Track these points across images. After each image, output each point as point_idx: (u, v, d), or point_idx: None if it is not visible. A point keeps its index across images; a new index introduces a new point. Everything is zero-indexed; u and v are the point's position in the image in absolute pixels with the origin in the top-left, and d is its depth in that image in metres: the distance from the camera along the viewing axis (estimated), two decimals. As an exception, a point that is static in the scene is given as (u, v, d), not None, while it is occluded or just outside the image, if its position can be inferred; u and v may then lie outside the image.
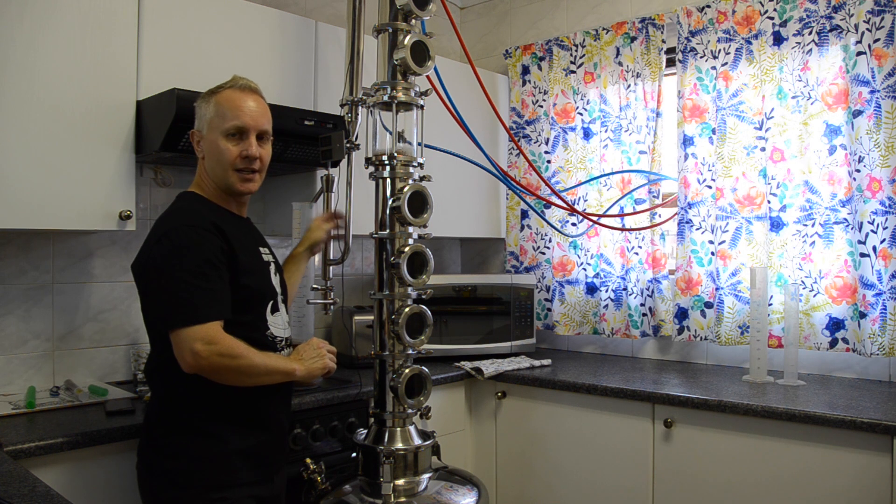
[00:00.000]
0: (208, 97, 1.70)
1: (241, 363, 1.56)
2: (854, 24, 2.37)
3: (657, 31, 2.87)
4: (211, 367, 1.52)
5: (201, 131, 1.70)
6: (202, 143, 1.71)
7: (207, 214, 1.65)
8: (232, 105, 1.67)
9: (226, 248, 1.61)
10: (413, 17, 2.04)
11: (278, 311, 1.76)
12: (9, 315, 2.16)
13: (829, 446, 1.98)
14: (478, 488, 2.03)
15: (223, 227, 1.63)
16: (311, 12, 2.94)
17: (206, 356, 1.50)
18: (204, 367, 1.52)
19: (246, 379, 1.60)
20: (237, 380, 1.59)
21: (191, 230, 1.58)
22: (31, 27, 1.88)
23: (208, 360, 1.51)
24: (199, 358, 1.50)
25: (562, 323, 3.11)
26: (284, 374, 1.66)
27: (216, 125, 1.67)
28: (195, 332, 1.51)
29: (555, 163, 3.16)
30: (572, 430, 2.51)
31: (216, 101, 1.68)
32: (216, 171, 1.69)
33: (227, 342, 1.54)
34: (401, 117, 2.04)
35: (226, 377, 1.57)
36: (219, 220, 1.65)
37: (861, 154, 2.35)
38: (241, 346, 1.57)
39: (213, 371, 1.54)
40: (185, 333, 1.51)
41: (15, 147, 1.86)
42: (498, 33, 3.53)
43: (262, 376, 1.62)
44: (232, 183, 1.69)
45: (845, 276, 2.43)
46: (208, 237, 1.58)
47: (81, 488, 1.74)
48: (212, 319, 1.53)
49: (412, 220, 1.98)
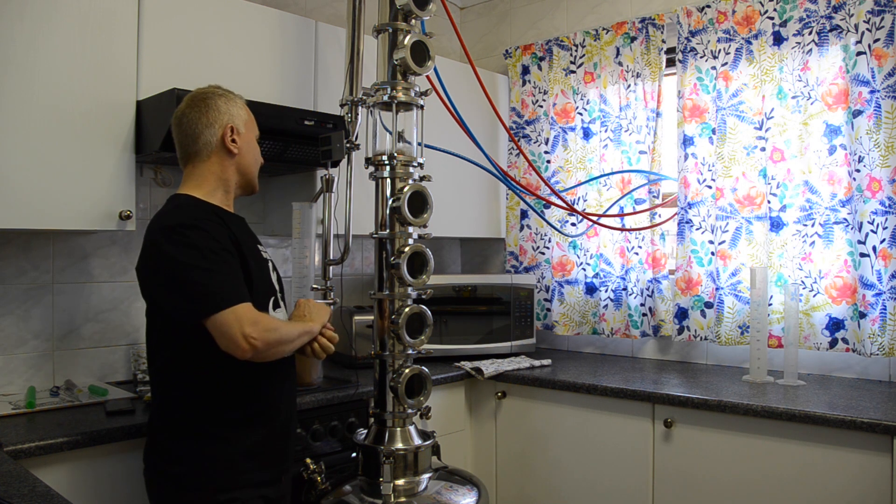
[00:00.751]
0: (234, 98, 1.74)
1: (283, 334, 1.60)
2: (854, 24, 2.37)
3: (657, 31, 2.87)
4: (265, 344, 1.53)
5: (238, 129, 1.71)
6: (239, 140, 1.71)
7: (209, 208, 1.67)
8: (252, 114, 1.77)
9: (233, 238, 1.63)
10: (413, 17, 2.04)
11: (280, 307, 1.77)
12: (9, 315, 2.16)
13: (829, 446, 1.98)
14: (478, 488, 2.03)
15: (226, 220, 1.66)
16: (311, 12, 2.94)
17: (258, 335, 1.52)
18: (259, 347, 1.52)
19: (286, 347, 1.63)
20: (281, 351, 1.61)
21: (200, 222, 1.59)
22: (31, 27, 1.88)
23: (261, 339, 1.52)
24: (252, 339, 1.50)
25: (561, 323, 3.11)
26: (309, 333, 1.71)
27: (251, 127, 1.76)
28: (238, 316, 1.51)
29: (554, 163, 3.16)
30: (572, 430, 2.51)
31: (244, 106, 1.76)
32: (251, 168, 1.76)
33: (265, 317, 1.59)
34: (401, 117, 2.05)
35: (275, 351, 1.58)
36: (220, 214, 1.68)
37: (861, 154, 2.35)
38: (271, 318, 1.62)
39: (267, 347, 1.55)
40: (226, 319, 1.50)
41: (15, 147, 1.86)
42: (498, 33, 3.53)
43: (296, 340, 1.66)
44: (256, 182, 1.79)
45: (845, 276, 2.43)
46: (217, 228, 1.61)
47: (81, 488, 1.74)
48: (245, 300, 1.55)
49: (412, 220, 1.98)
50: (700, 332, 2.74)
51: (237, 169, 1.73)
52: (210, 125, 1.68)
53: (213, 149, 1.69)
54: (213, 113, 1.68)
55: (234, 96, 1.75)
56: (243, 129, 1.73)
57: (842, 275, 2.44)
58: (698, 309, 2.74)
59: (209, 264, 1.54)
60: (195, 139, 1.68)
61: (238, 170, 1.73)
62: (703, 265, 2.74)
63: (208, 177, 1.70)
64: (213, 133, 1.68)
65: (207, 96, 1.71)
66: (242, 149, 1.72)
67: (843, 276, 2.44)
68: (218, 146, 1.69)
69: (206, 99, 1.70)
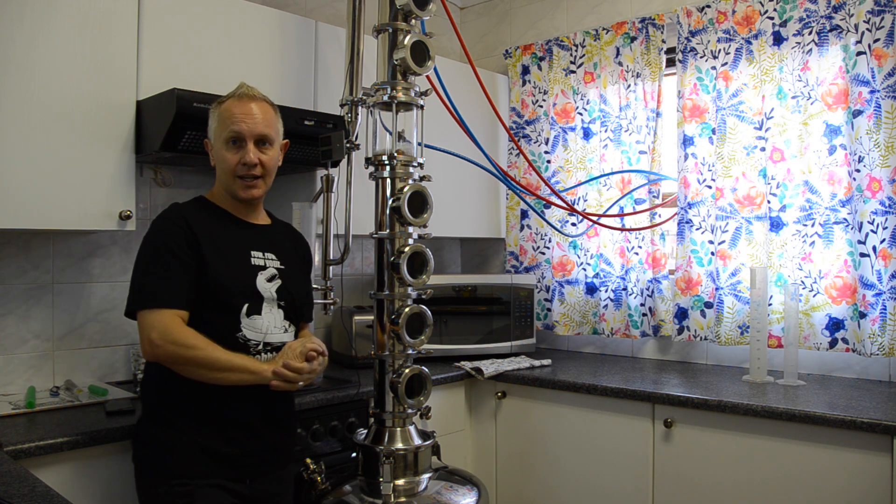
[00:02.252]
0: (214, 108, 1.76)
1: (197, 354, 1.58)
2: (854, 24, 2.37)
3: (657, 31, 2.87)
4: (167, 356, 1.58)
5: (210, 141, 1.78)
6: (212, 152, 1.78)
7: (184, 211, 1.71)
8: (229, 114, 1.71)
9: (191, 241, 1.65)
10: (413, 17, 2.04)
11: (259, 314, 1.72)
12: (9, 315, 2.16)
13: (829, 446, 1.98)
14: (478, 488, 2.03)
15: (194, 221, 1.68)
16: (311, 12, 2.94)
17: (161, 344, 1.56)
18: (160, 355, 1.58)
19: (206, 372, 1.60)
20: (197, 373, 1.60)
21: (158, 222, 1.69)
22: (31, 27, 1.88)
23: (163, 349, 1.56)
24: (155, 346, 1.57)
25: (561, 323, 3.11)
26: (253, 375, 1.62)
27: (218, 134, 1.74)
28: (152, 320, 1.58)
29: (555, 163, 3.16)
30: (572, 430, 2.51)
31: (219, 112, 1.74)
32: (223, 178, 1.76)
33: (182, 332, 1.59)
34: (401, 117, 2.04)
35: (184, 368, 1.61)
36: (196, 215, 1.70)
37: (861, 154, 2.35)
38: (199, 338, 1.60)
39: (170, 360, 1.59)
40: (142, 320, 1.59)
41: (15, 147, 1.86)
42: (498, 33, 3.53)
43: (225, 372, 1.60)
44: (235, 190, 1.75)
45: (845, 276, 2.43)
46: (172, 228, 1.66)
47: (81, 488, 1.74)
48: (165, 306, 1.59)
49: (412, 220, 1.98)
50: (700, 332, 2.74)
51: (217, 178, 1.79)
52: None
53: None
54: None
55: (217, 104, 1.76)
56: (213, 139, 1.76)
57: (842, 275, 2.44)
58: (698, 309, 2.74)
59: (146, 265, 1.64)
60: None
61: (219, 180, 1.78)
62: (703, 265, 2.74)
63: (215, 182, 1.81)
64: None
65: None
66: (215, 160, 1.77)
67: (843, 276, 2.44)
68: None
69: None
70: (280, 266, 1.80)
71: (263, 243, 1.81)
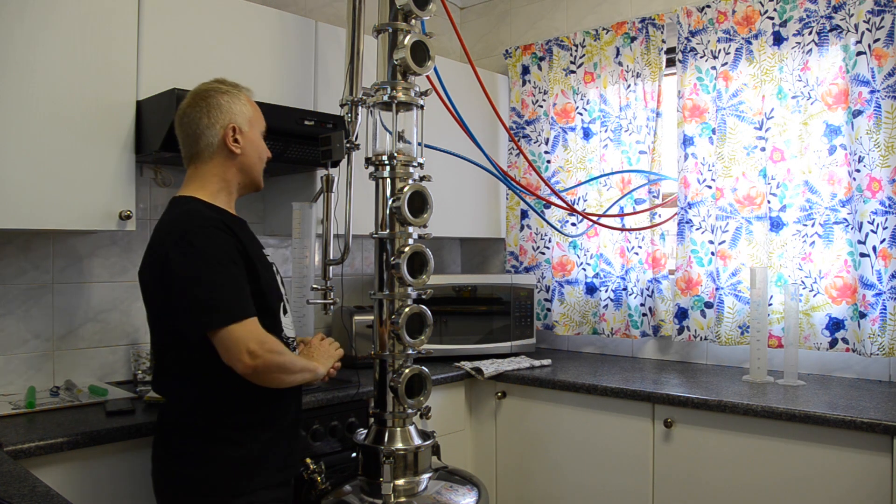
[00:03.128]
0: (237, 93, 1.68)
1: (286, 360, 1.56)
2: (854, 24, 2.37)
3: (657, 31, 2.87)
4: (265, 365, 1.50)
5: (240, 128, 1.66)
6: (242, 139, 1.67)
7: (215, 215, 1.62)
8: (258, 108, 1.72)
9: (240, 249, 1.58)
10: (413, 17, 2.04)
11: (287, 312, 1.76)
12: (9, 315, 2.16)
13: (829, 446, 1.98)
14: (478, 488, 2.03)
15: (232, 227, 1.61)
16: (311, 12, 2.94)
17: (262, 354, 1.48)
18: (259, 366, 1.49)
19: (286, 377, 1.58)
20: (279, 379, 1.56)
21: (207, 230, 1.55)
22: (30, 27, 1.88)
23: (263, 359, 1.49)
24: (256, 357, 1.48)
25: (561, 323, 3.11)
26: (312, 373, 1.67)
27: (256, 123, 1.70)
28: (244, 332, 1.48)
29: (555, 163, 3.16)
30: (572, 430, 2.51)
31: (249, 102, 1.70)
32: (255, 166, 1.71)
33: (272, 339, 1.54)
34: (401, 117, 2.04)
35: (273, 376, 1.54)
36: (229, 222, 1.63)
37: (861, 154, 2.35)
38: (279, 342, 1.57)
39: (267, 369, 1.51)
40: (232, 334, 1.47)
41: (15, 147, 1.86)
42: (498, 33, 3.53)
43: (297, 374, 1.61)
44: (259, 179, 1.74)
45: (845, 276, 2.43)
46: (224, 236, 1.56)
47: (81, 488, 1.74)
48: (250, 315, 1.52)
49: (412, 220, 1.98)
50: (700, 332, 2.74)
51: (240, 169, 1.69)
52: (212, 125, 1.63)
53: (215, 150, 1.65)
54: (214, 112, 1.64)
55: (239, 91, 1.69)
56: (246, 127, 1.67)
57: (842, 275, 2.44)
58: (698, 309, 2.74)
59: (214, 277, 1.51)
60: (196, 140, 1.64)
61: (241, 169, 1.69)
62: (703, 265, 2.74)
63: (211, 178, 1.66)
64: (214, 134, 1.64)
65: (209, 94, 1.65)
66: (246, 148, 1.67)
67: (843, 276, 2.44)
68: (220, 147, 1.65)
69: (208, 97, 1.65)
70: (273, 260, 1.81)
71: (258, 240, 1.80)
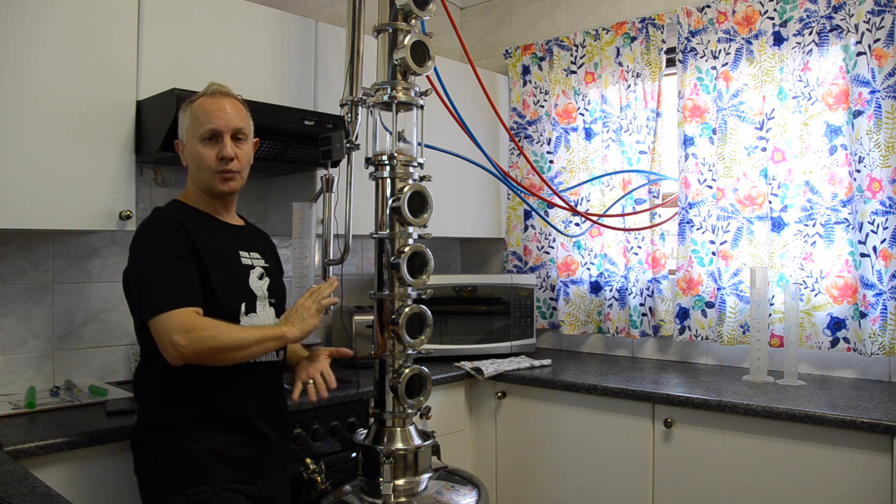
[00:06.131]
0: (185, 107, 1.75)
1: (223, 340, 1.57)
2: (854, 24, 2.37)
3: (657, 31, 2.87)
4: (195, 352, 1.54)
5: (182, 140, 1.76)
6: (185, 151, 1.75)
7: (173, 214, 1.69)
8: (204, 111, 1.71)
9: (189, 244, 1.64)
10: (413, 17, 2.04)
11: (255, 312, 1.73)
12: (9, 315, 2.16)
13: (830, 446, 1.98)
14: (478, 488, 2.03)
15: (187, 224, 1.67)
16: (311, 12, 2.94)
17: (187, 343, 1.52)
18: (188, 355, 1.53)
19: (237, 353, 1.60)
20: (229, 357, 1.59)
21: (155, 227, 1.65)
22: (30, 27, 1.88)
23: (191, 347, 1.53)
24: (181, 347, 1.52)
25: (567, 322, 3.11)
26: (277, 339, 1.67)
27: (192, 132, 1.72)
28: (170, 322, 1.53)
29: (557, 163, 3.16)
30: (572, 430, 2.50)
31: (191, 110, 1.73)
32: (199, 176, 1.74)
33: (202, 324, 1.56)
34: (401, 117, 2.04)
35: (216, 358, 1.57)
36: (186, 219, 1.69)
37: (861, 154, 2.34)
38: (219, 324, 1.59)
39: (201, 356, 1.55)
40: (161, 324, 1.54)
41: (15, 147, 1.86)
42: (498, 33, 3.53)
43: (254, 346, 1.62)
44: (214, 185, 1.73)
45: (846, 276, 2.43)
46: (172, 232, 1.63)
47: (81, 488, 1.74)
48: (183, 306, 1.56)
49: (412, 220, 1.97)
50: (701, 331, 2.74)
51: (192, 178, 1.76)
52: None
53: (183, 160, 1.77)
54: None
55: (188, 104, 1.74)
56: (185, 138, 1.74)
57: (842, 275, 2.44)
58: (699, 309, 2.74)
59: (151, 270, 1.59)
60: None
61: (193, 179, 1.76)
62: (704, 265, 2.74)
63: (188, 183, 1.78)
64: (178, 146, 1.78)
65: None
66: (188, 159, 1.75)
67: (844, 276, 2.44)
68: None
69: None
70: (265, 265, 1.81)
71: (246, 243, 1.82)
